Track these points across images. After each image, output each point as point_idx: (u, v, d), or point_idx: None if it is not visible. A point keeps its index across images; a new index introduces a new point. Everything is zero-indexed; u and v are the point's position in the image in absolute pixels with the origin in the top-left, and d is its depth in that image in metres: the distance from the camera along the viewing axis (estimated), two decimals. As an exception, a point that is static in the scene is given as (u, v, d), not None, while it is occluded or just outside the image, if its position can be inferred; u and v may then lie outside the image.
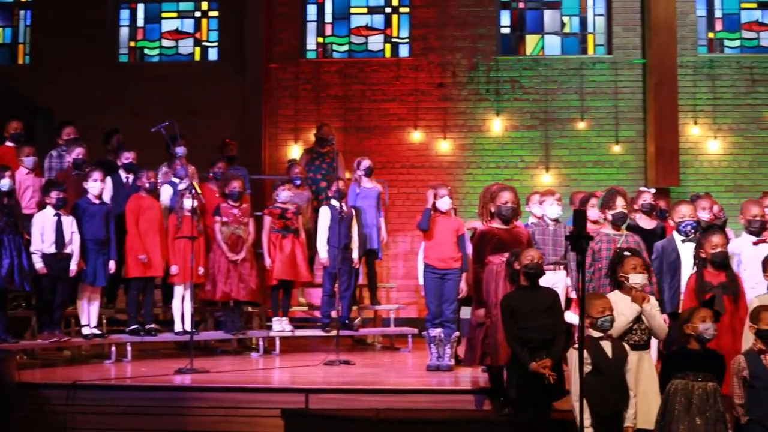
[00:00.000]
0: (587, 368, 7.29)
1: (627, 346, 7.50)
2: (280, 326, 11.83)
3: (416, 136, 15.17)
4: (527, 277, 7.93)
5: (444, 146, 15.13)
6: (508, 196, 8.73)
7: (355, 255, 11.93)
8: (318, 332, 12.02)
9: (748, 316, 7.60)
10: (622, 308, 7.53)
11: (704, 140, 15.03)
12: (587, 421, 7.22)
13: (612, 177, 14.83)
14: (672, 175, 14.54)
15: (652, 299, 7.66)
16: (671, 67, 14.67)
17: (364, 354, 11.83)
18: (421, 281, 10.76)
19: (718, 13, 15.50)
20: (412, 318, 13.98)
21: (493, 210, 8.78)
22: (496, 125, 15.13)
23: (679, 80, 14.80)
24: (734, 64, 15.18)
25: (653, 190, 10.82)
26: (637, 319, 7.60)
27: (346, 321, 11.82)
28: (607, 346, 7.38)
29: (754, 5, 15.53)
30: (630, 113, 15.11)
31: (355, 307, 12.47)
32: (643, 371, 7.56)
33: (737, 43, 15.50)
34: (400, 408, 8.78)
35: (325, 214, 11.86)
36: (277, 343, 11.74)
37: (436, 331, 10.25)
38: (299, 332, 12.09)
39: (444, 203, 10.49)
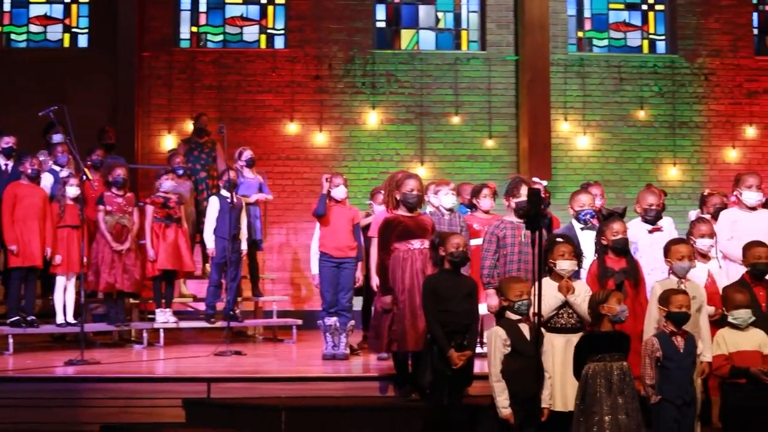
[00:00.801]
0: (506, 350, 7.40)
1: (543, 329, 7.61)
2: (164, 318, 11.58)
3: (292, 128, 15.07)
4: (452, 264, 7.98)
5: (320, 138, 15.07)
6: (413, 184, 8.77)
7: (243, 246, 11.78)
8: (203, 324, 11.81)
9: (658, 299, 7.80)
10: (548, 294, 7.63)
11: (574, 136, 15.40)
12: (506, 402, 7.32)
13: (485, 171, 15.05)
14: (544, 169, 14.81)
15: (580, 287, 7.78)
16: (544, 65, 14.97)
17: (247, 346, 11.66)
18: (314, 270, 10.69)
19: (587, 13, 15.91)
20: (289, 310, 13.86)
21: (398, 198, 8.80)
22: (372, 118, 15.16)
23: (551, 77, 15.09)
24: (603, 62, 15.61)
25: (545, 183, 11.01)
26: (564, 304, 7.73)
27: (231, 312, 11.63)
28: (525, 329, 7.49)
29: (621, 6, 16.01)
30: (503, 109, 15.36)
31: (239, 299, 12.30)
32: (569, 354, 7.66)
33: (605, 42, 15.94)
34: (305, 396, 8.69)
35: (213, 204, 11.67)
36: (161, 335, 11.47)
37: (331, 320, 10.19)
38: (184, 324, 11.86)
39: (339, 192, 10.45)
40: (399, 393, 8.73)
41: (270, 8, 15.47)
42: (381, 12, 15.62)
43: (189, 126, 14.43)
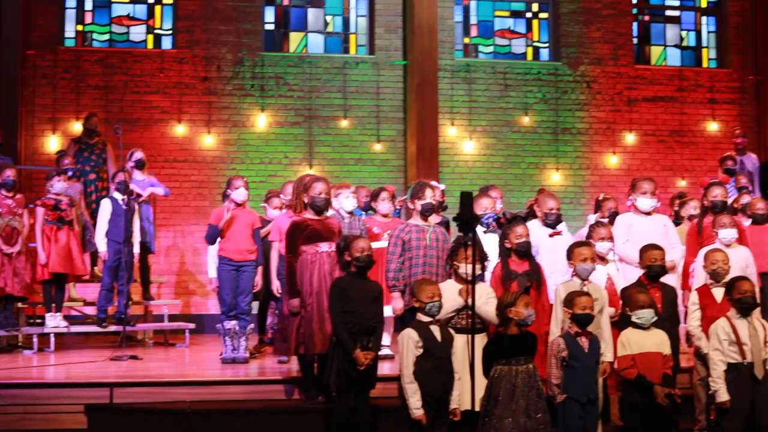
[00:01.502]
0: (418, 352, 7.49)
1: (452, 330, 7.74)
2: (55, 322, 11.32)
3: (180, 129, 14.90)
4: (358, 267, 8.03)
5: (208, 141, 14.94)
6: (321, 187, 8.80)
7: (136, 249, 11.62)
8: (95, 328, 11.60)
9: (562, 301, 8.00)
10: (448, 296, 7.75)
11: (460, 141, 15.60)
12: (418, 403, 7.41)
13: (373, 175, 15.14)
14: (431, 173, 14.92)
15: (482, 290, 7.91)
16: (432, 70, 15.11)
17: (139, 350, 11.46)
18: (211, 274, 10.60)
19: (473, 20, 16.15)
20: (177, 314, 13.71)
21: (306, 201, 8.82)
22: (261, 121, 15.10)
23: (438, 83, 15.25)
24: (488, 69, 15.86)
25: (443, 186, 11.15)
26: (464, 307, 7.85)
27: (123, 316, 11.46)
28: (435, 331, 7.59)
29: (506, 13, 16.29)
30: (391, 113, 15.47)
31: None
32: (466, 354, 7.79)
33: (491, 49, 16.19)
34: (210, 400, 8.62)
35: (105, 207, 11.47)
36: (52, 340, 11.22)
37: (230, 324, 10.13)
38: (75, 328, 11.62)
39: (239, 195, 10.37)
40: (305, 396, 8.73)
41: (158, 8, 15.27)
42: (270, 14, 15.57)
43: (74, 126, 14.18)
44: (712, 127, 16.41)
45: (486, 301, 7.84)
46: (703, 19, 16.94)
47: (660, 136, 16.31)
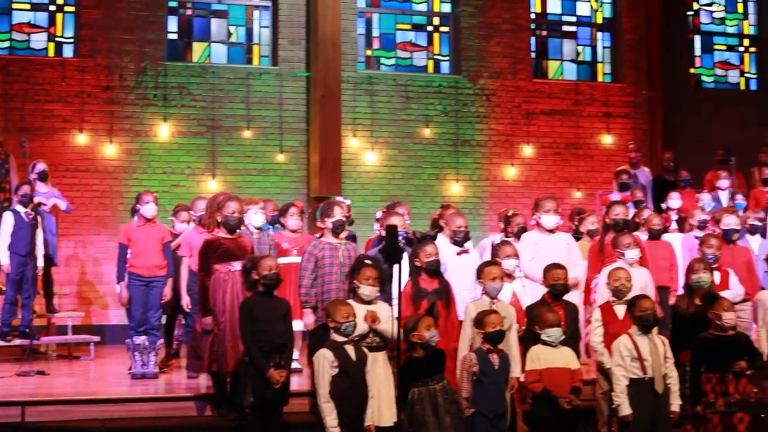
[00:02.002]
0: (334, 371, 7.64)
1: (365, 349, 7.92)
2: (-44, 337, 11.19)
3: (81, 139, 14.74)
4: (265, 286, 8.16)
5: (110, 150, 14.81)
6: (234, 206, 8.91)
7: (40, 262, 11.51)
8: (-2, 342, 11.49)
9: (473, 321, 8.25)
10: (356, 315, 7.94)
11: (363, 152, 15.74)
12: (335, 422, 7.56)
13: (276, 185, 15.21)
14: (334, 184, 15.09)
15: (384, 312, 8.07)
16: (335, 82, 15.23)
17: (42, 364, 11.32)
18: (118, 288, 10.59)
19: (375, 32, 16.30)
20: (78, 325, 13.57)
21: (219, 219, 8.90)
22: (163, 131, 15.02)
23: (341, 94, 15.37)
24: (390, 81, 16.03)
25: (349, 201, 11.30)
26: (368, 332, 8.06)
27: (27, 330, 11.36)
28: (350, 350, 7.76)
29: (408, 27, 16.48)
30: (294, 124, 15.53)
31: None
32: (376, 372, 8.00)
33: (393, 61, 16.39)
34: (124, 417, 8.64)
35: (8, 220, 11.35)
36: (-47, 355, 11.09)
37: (140, 339, 10.14)
38: (-24, 343, 11.49)
39: (149, 210, 10.39)
40: (217, 413, 8.81)
41: (59, 16, 15.08)
42: (173, 24, 15.50)
43: (-27, 136, 13.94)
44: (607, 140, 16.85)
45: (386, 320, 8.05)
46: (599, 34, 17.38)
47: (557, 148, 16.69)
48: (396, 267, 6.85)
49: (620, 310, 8.71)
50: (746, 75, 18.36)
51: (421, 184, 16.02)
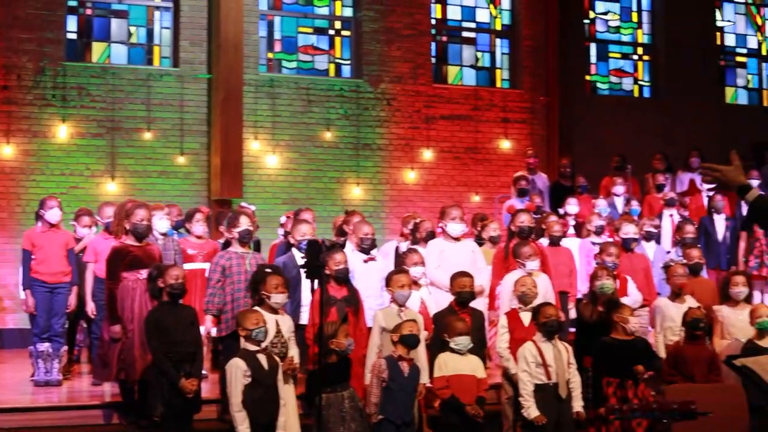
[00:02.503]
0: (246, 381, 7.67)
1: (276, 357, 7.97)
2: None
3: (-23, 139, 14.45)
4: (171, 295, 8.15)
5: (7, 151, 14.51)
6: (143, 214, 8.88)
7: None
8: None
9: (388, 329, 8.38)
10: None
11: (264, 155, 15.72)
12: (247, 431, 7.60)
13: (177, 188, 15.11)
14: (236, 187, 15.07)
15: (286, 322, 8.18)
16: (237, 84, 15.19)
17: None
18: (22, 295, 10.44)
19: (277, 35, 16.30)
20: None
21: (128, 227, 8.86)
22: (62, 132, 14.78)
23: (243, 97, 15.34)
24: (292, 84, 16.04)
25: (253, 207, 11.31)
26: (277, 333, 8.11)
27: None
28: (262, 359, 7.79)
29: (310, 30, 16.51)
30: (195, 126, 15.43)
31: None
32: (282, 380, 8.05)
33: (294, 64, 16.41)
34: (30, 427, 8.52)
35: None
36: None
37: (44, 346, 10.01)
38: None
39: (53, 215, 10.26)
40: (126, 420, 8.77)
41: (-46, 14, 14.76)
42: (72, 23, 15.26)
43: None
44: (505, 145, 17.12)
45: (290, 328, 8.20)
46: (498, 41, 17.64)
47: (456, 152, 16.89)
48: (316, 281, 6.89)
49: (525, 317, 8.90)
50: (640, 83, 18.83)
51: (322, 187, 16.07)
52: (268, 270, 8.35)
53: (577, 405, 8.50)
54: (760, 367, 5.70)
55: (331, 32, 16.67)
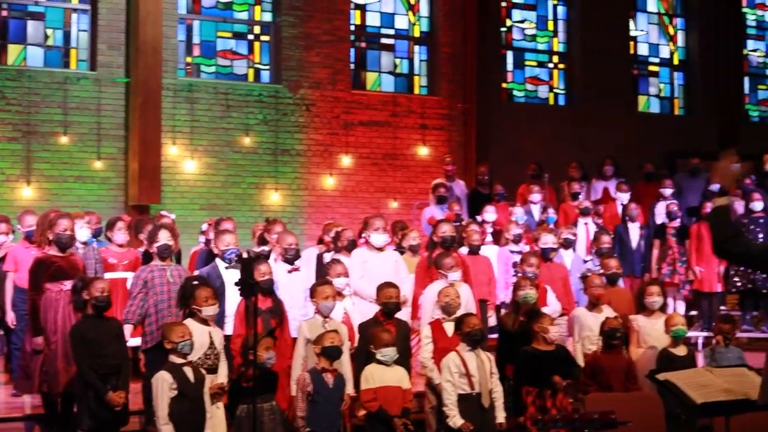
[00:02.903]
0: (173, 393, 7.66)
1: (203, 370, 7.97)
2: None
3: None
4: (96, 308, 8.11)
5: None
6: (66, 224, 8.83)
7: None
8: None
9: (312, 340, 8.42)
10: (196, 336, 7.98)
11: (182, 160, 15.61)
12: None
13: (93, 193, 14.95)
14: (153, 193, 14.97)
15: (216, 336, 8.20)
16: (156, 88, 15.08)
17: None
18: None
19: (196, 39, 16.21)
20: None
21: (51, 237, 8.78)
22: (-24, 136, 14.56)
23: (162, 101, 15.23)
24: (211, 89, 15.96)
25: (173, 216, 11.26)
26: (211, 345, 8.12)
27: None
28: (188, 372, 7.78)
29: (229, 35, 16.46)
30: (112, 130, 15.26)
31: None
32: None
33: (213, 69, 16.34)
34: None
35: None
36: None
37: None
38: None
39: (-26, 224, 10.11)
40: (49, 434, 8.69)
41: None
42: (-10, 26, 15.04)
43: None
44: (423, 151, 17.25)
45: (219, 342, 8.22)
46: (416, 47, 17.78)
47: (374, 159, 16.98)
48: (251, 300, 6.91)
49: (449, 327, 9.00)
50: (555, 90, 19.13)
51: (240, 192, 16.03)
52: (196, 283, 8.35)
53: (500, 415, 8.62)
54: (682, 381, 5.87)
55: (250, 37, 16.64)
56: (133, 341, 8.90)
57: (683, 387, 5.82)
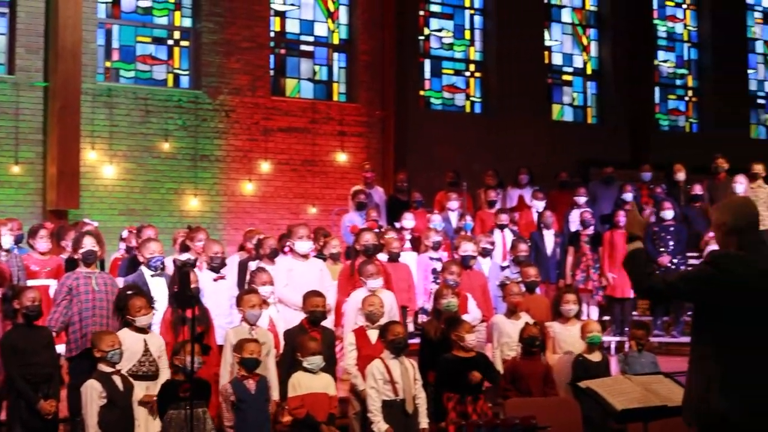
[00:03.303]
0: (102, 402, 7.73)
1: (131, 378, 8.05)
2: None
3: None
4: (27, 317, 8.15)
5: None
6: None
7: None
8: None
9: (233, 347, 8.55)
10: (130, 344, 8.06)
11: (101, 165, 15.55)
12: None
13: (11, 198, 14.84)
14: (72, 198, 14.90)
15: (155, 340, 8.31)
16: (75, 93, 15.01)
17: None
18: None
19: (115, 44, 16.17)
20: None
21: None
22: None
23: (81, 106, 15.17)
24: (130, 94, 15.93)
25: (96, 224, 11.27)
26: (145, 352, 8.21)
27: None
28: (117, 380, 7.86)
29: (148, 39, 16.44)
30: (30, 135, 15.15)
31: None
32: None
33: (132, 74, 16.30)
34: None
35: None
36: None
37: None
38: None
39: None
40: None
41: None
42: None
43: None
44: (342, 158, 17.41)
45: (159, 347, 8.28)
46: (335, 55, 17.95)
47: (293, 165, 17.09)
48: (189, 311, 7.00)
49: (373, 335, 9.18)
50: (472, 99, 19.45)
51: (159, 198, 16.02)
52: (130, 293, 8.44)
53: (423, 421, 8.81)
54: (602, 389, 6.12)
55: (170, 42, 16.65)
56: (57, 348, 8.88)
57: (604, 394, 6.06)
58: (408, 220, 13.55)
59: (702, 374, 5.26)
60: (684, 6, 22.46)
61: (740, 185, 14.40)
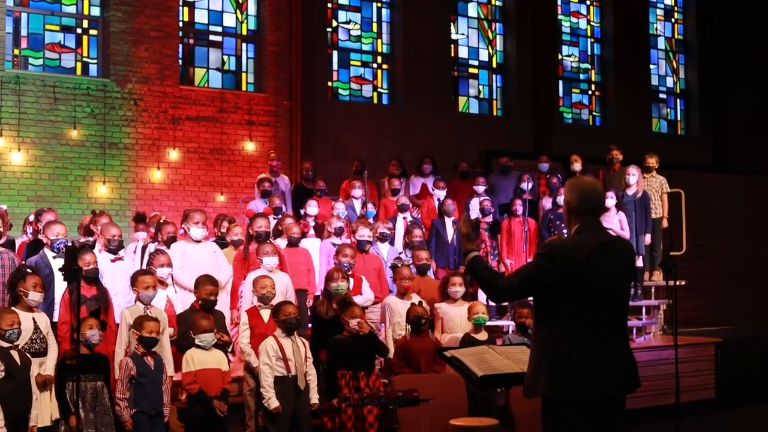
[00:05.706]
0: (1, 375, 8.02)
1: (28, 354, 8.34)
2: None
3: None
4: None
5: None
6: None
7: None
8: None
9: (131, 324, 8.87)
10: (23, 322, 8.36)
11: (9, 152, 15.65)
12: (1, 422, 7.96)
13: None
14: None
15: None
16: (-15, 80, 15.14)
17: None
18: None
19: (23, 32, 16.26)
20: None
21: None
22: None
23: (-12, 93, 15.30)
24: (38, 81, 16.03)
25: (5, 207, 11.47)
26: (35, 330, 8.50)
27: None
28: (15, 355, 8.15)
29: (57, 27, 16.56)
30: (-63, 121, 15.25)
31: None
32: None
33: (41, 62, 16.42)
34: None
35: None
36: None
37: None
38: None
39: None
40: None
41: None
42: None
43: None
44: (250, 147, 17.68)
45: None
46: (244, 45, 18.22)
47: (202, 153, 17.31)
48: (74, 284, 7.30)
49: (266, 314, 9.58)
50: (379, 90, 19.85)
51: (67, 185, 16.14)
52: (29, 270, 8.71)
53: (314, 396, 9.24)
54: (466, 357, 6.55)
55: (79, 31, 16.77)
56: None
57: (466, 362, 6.49)
58: (312, 207, 13.85)
59: (535, 356, 5.69)
60: (587, 2, 23.13)
61: (633, 176, 14.94)
